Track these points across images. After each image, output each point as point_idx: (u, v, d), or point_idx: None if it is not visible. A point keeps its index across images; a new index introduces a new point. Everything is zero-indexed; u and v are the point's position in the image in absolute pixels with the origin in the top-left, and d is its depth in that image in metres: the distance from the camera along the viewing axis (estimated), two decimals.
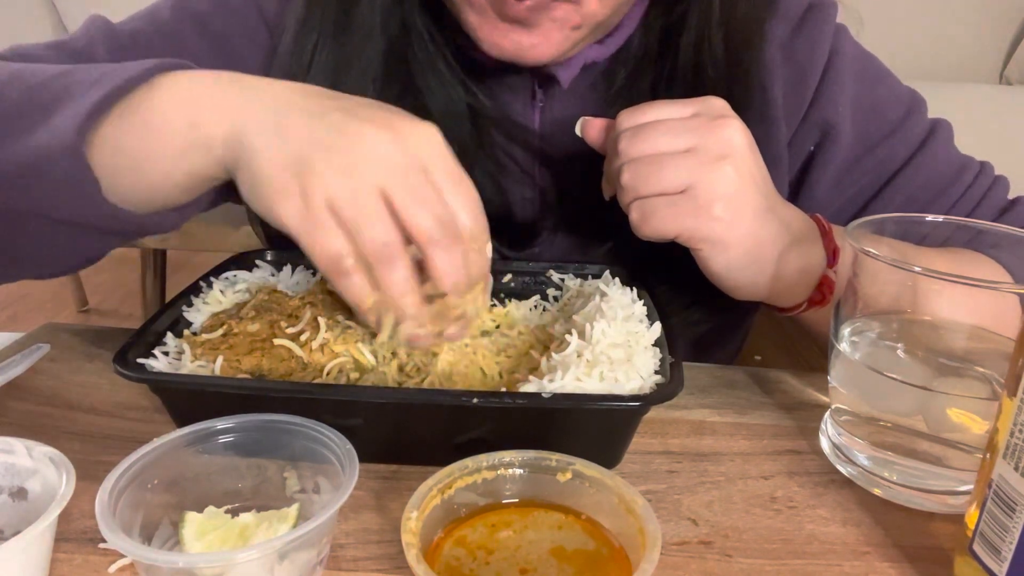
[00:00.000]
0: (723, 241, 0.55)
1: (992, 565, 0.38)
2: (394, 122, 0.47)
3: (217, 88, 0.50)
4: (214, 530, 0.40)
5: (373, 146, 0.45)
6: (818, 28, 0.69)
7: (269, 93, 0.49)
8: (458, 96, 0.68)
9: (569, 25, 0.58)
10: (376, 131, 0.46)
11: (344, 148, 0.45)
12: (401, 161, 0.45)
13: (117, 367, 0.48)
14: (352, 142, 0.45)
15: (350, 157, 0.45)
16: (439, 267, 0.46)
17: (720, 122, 0.55)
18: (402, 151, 0.46)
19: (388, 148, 0.45)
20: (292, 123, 0.47)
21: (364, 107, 0.49)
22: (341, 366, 0.53)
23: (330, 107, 0.48)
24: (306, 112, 0.47)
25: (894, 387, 0.47)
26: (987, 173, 0.72)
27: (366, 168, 0.45)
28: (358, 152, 0.45)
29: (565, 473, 0.44)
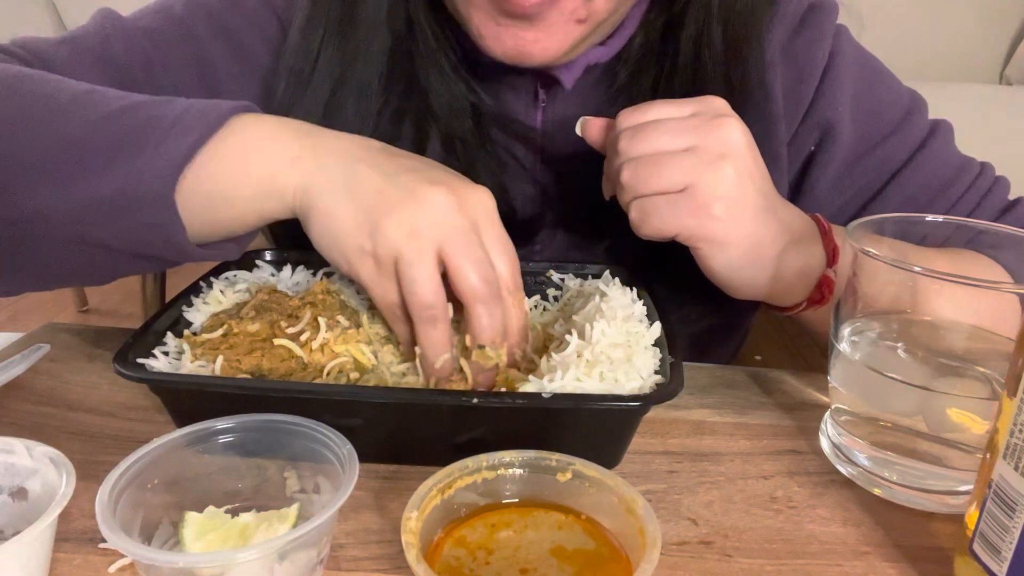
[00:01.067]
0: (722, 241, 0.55)
1: (992, 565, 0.38)
2: (456, 186, 0.51)
3: (287, 137, 0.54)
4: (214, 530, 0.40)
5: (436, 209, 0.50)
6: (819, 28, 0.69)
7: (336, 147, 0.54)
8: (461, 94, 0.68)
9: (575, 19, 0.58)
10: (441, 195, 0.50)
11: (412, 211, 0.49)
12: (459, 223, 0.50)
13: (117, 367, 0.48)
14: (419, 205, 0.49)
15: (417, 219, 0.49)
16: (481, 322, 0.51)
17: (720, 121, 0.55)
18: (462, 214, 0.50)
19: (449, 211, 0.50)
20: (364, 183, 0.51)
21: (429, 168, 0.54)
22: (341, 366, 0.53)
23: (399, 167, 0.52)
24: (377, 170, 0.52)
25: (894, 387, 0.47)
26: (987, 174, 0.72)
27: (430, 230, 0.49)
28: (424, 215, 0.49)
29: (565, 473, 0.44)
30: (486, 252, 0.51)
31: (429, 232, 0.49)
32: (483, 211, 0.52)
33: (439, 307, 0.50)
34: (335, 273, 0.64)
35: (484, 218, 0.52)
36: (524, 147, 0.70)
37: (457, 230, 0.50)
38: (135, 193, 0.50)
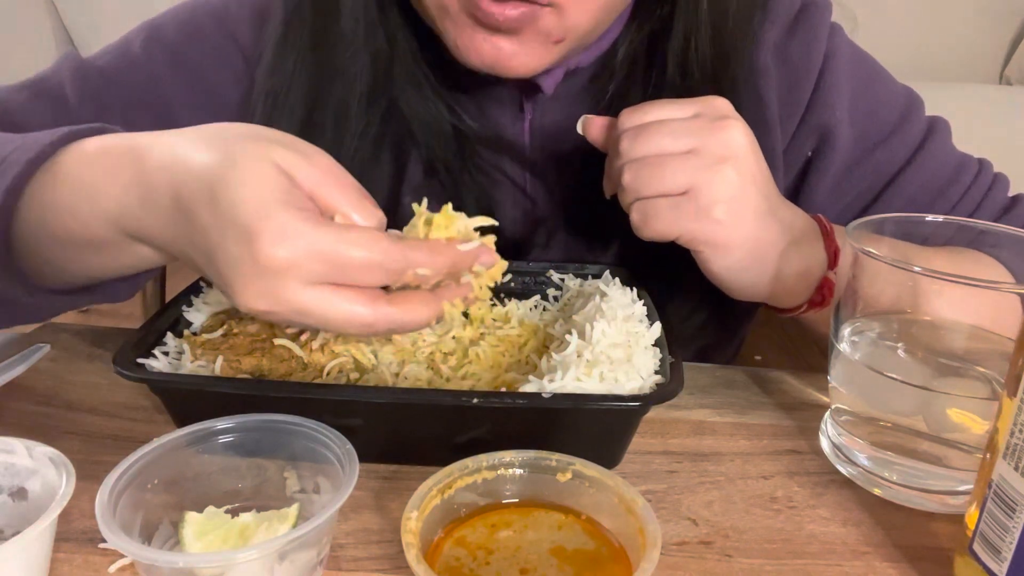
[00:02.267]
0: (724, 244, 0.55)
1: (992, 565, 0.38)
2: (270, 225, 0.41)
3: (109, 187, 0.46)
4: (214, 530, 0.40)
5: (268, 277, 0.41)
6: (812, 29, 0.68)
7: (158, 199, 0.45)
8: (442, 117, 0.67)
9: (552, 39, 0.57)
10: (271, 258, 0.40)
11: (246, 290, 0.41)
12: (305, 268, 0.41)
13: (117, 367, 0.48)
14: (249, 280, 0.41)
15: (260, 296, 0.41)
16: (409, 328, 0.44)
17: (722, 123, 0.54)
18: (295, 263, 0.41)
19: (282, 271, 0.41)
20: (194, 255, 0.44)
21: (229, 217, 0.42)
22: (341, 366, 0.53)
23: (201, 226, 0.42)
24: (195, 236, 0.43)
25: (894, 387, 0.47)
26: (986, 172, 0.71)
27: (281, 304, 0.41)
28: (259, 288, 0.41)
29: (565, 473, 0.44)
30: (353, 263, 0.41)
31: (283, 304, 0.41)
32: (291, 247, 0.40)
33: (378, 319, 0.42)
34: None
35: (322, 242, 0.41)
36: (513, 162, 0.70)
37: (313, 265, 0.40)
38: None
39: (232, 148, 0.43)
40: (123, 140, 0.48)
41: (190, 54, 0.68)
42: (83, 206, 0.47)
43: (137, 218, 0.46)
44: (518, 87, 0.67)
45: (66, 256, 0.50)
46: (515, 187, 0.70)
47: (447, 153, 0.67)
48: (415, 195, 0.65)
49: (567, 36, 0.57)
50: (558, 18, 0.55)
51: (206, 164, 0.42)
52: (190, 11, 0.70)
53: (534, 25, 0.55)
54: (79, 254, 0.50)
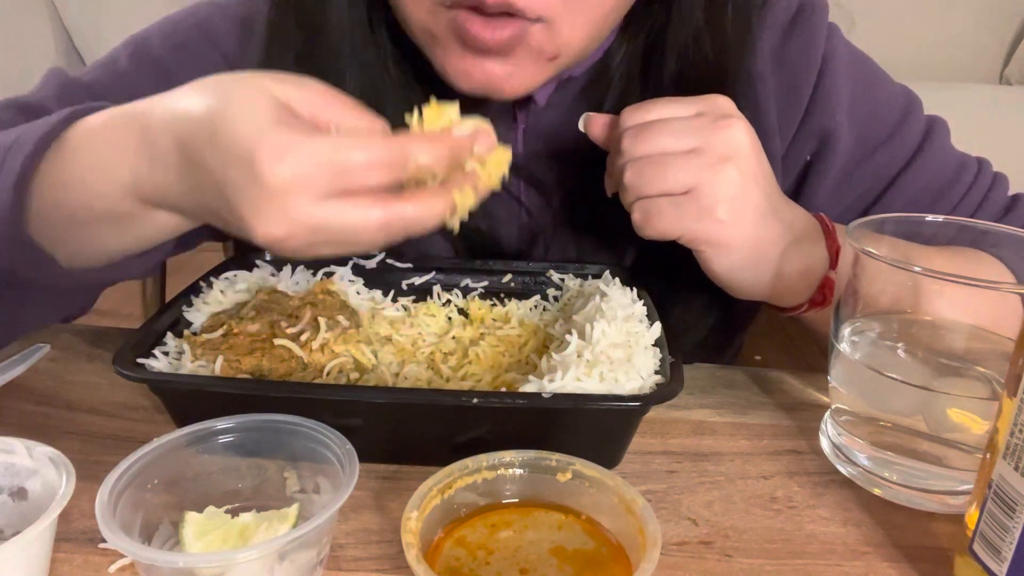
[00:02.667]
0: (725, 244, 0.55)
1: (992, 565, 0.38)
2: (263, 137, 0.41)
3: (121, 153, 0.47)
4: (214, 530, 0.40)
5: (278, 183, 0.41)
6: (809, 32, 0.67)
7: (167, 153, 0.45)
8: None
9: (545, 56, 0.56)
10: (272, 166, 0.41)
11: (260, 215, 0.41)
12: (307, 174, 0.41)
13: (117, 367, 0.48)
14: (263, 203, 0.41)
15: (273, 221, 0.41)
16: (424, 216, 0.44)
17: (724, 122, 0.54)
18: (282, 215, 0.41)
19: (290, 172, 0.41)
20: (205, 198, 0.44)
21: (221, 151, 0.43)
22: (341, 366, 0.53)
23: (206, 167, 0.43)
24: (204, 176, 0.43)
25: (894, 387, 0.47)
26: (986, 171, 0.71)
27: (293, 224, 0.41)
28: (273, 209, 0.41)
29: (565, 473, 0.44)
30: (342, 156, 0.41)
31: (297, 225, 0.41)
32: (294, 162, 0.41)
33: (392, 218, 0.42)
34: (335, 273, 0.64)
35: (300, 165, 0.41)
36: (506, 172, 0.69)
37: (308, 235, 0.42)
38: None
39: (226, 88, 0.44)
40: (124, 109, 0.48)
41: (175, 67, 0.68)
42: (98, 178, 0.48)
43: (151, 181, 0.46)
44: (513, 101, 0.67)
45: (81, 235, 0.50)
46: (510, 197, 0.70)
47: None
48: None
49: (561, 52, 0.56)
50: (550, 34, 0.54)
51: (204, 107, 0.43)
52: (175, 24, 0.70)
53: (525, 44, 0.54)
54: (95, 230, 0.50)
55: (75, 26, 2.16)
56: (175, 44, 0.68)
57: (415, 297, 0.64)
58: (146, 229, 0.50)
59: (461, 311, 0.63)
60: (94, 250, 0.52)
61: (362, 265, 0.65)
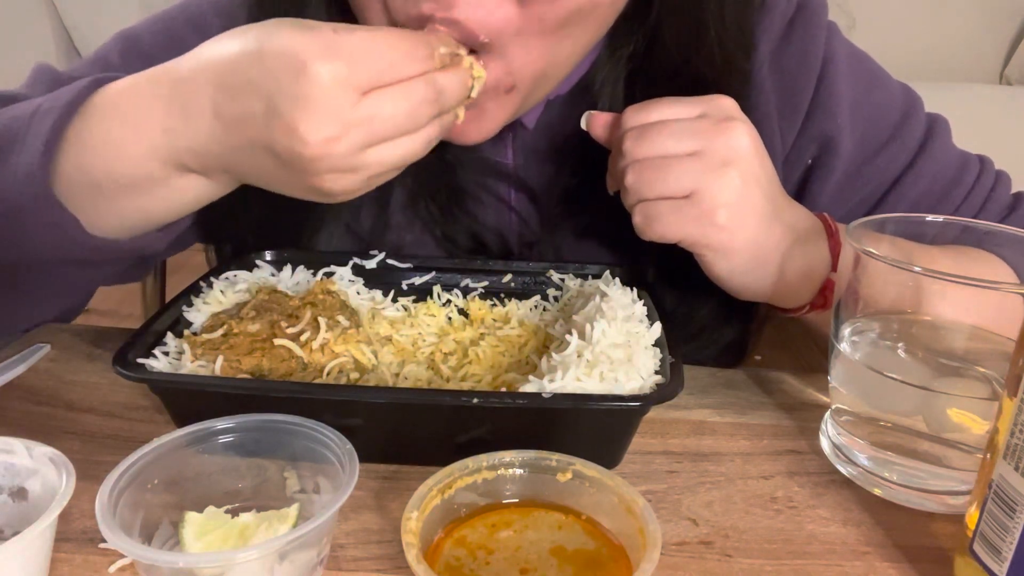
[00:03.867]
0: (727, 248, 0.55)
1: (992, 565, 0.38)
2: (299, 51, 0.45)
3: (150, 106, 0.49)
4: (214, 530, 0.40)
5: (321, 97, 0.44)
6: (808, 34, 0.67)
7: (194, 91, 0.48)
8: None
9: (502, 88, 0.54)
10: (313, 77, 0.44)
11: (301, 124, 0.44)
12: (337, 92, 0.44)
13: (117, 367, 0.48)
14: (301, 114, 0.44)
15: (312, 130, 0.44)
16: (456, 99, 0.48)
17: (726, 125, 0.54)
18: (336, 80, 0.44)
19: (330, 89, 0.44)
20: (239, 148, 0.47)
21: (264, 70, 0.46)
22: (341, 366, 0.53)
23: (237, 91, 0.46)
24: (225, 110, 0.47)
25: (894, 387, 0.47)
26: (988, 170, 0.71)
27: (337, 127, 0.44)
28: (314, 115, 0.44)
29: (565, 473, 0.44)
30: (384, 84, 0.45)
31: (350, 123, 0.44)
32: (333, 61, 0.44)
33: (428, 87, 0.46)
34: (335, 273, 0.64)
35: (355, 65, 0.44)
36: (497, 180, 0.69)
37: (353, 134, 0.44)
38: (13, 194, 0.49)
39: (262, 24, 0.46)
40: (148, 72, 0.50)
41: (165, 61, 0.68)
42: (127, 138, 0.49)
43: (185, 136, 0.48)
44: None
45: (106, 204, 0.51)
46: (503, 207, 0.70)
47: (431, 180, 0.66)
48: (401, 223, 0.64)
49: (516, 82, 0.55)
50: (502, 63, 0.53)
51: (245, 40, 0.46)
52: (166, 19, 0.70)
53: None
54: (119, 199, 0.51)
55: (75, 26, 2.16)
56: (166, 40, 0.68)
57: (415, 297, 0.64)
58: (169, 196, 0.50)
59: (461, 311, 0.63)
60: (116, 220, 0.52)
61: (362, 265, 0.65)
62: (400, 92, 0.45)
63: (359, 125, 0.44)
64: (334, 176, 0.46)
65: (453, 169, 0.67)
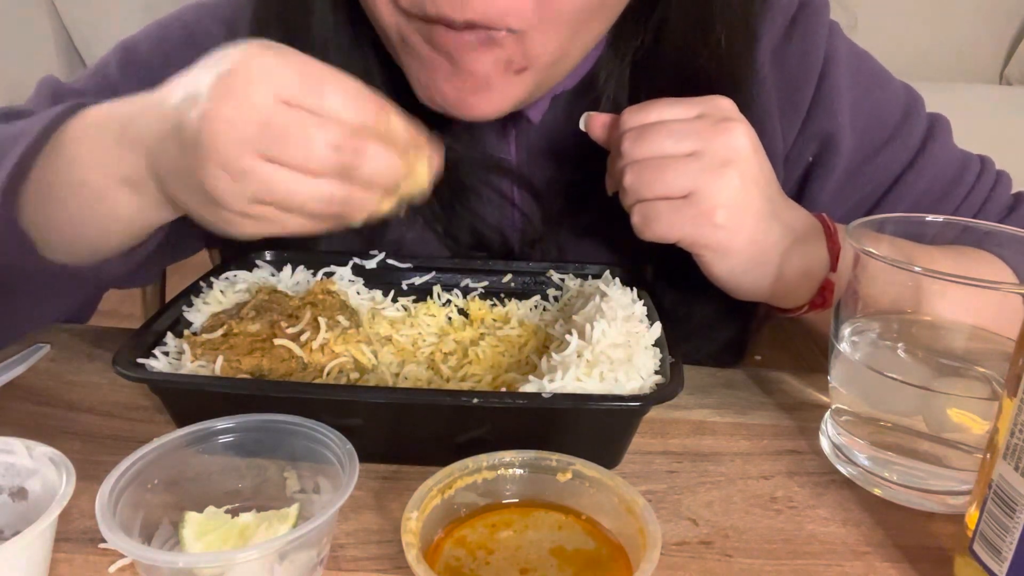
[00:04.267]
0: (725, 248, 0.55)
1: (992, 565, 0.38)
2: (233, 71, 0.43)
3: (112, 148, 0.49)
4: (214, 530, 0.40)
5: (224, 117, 0.42)
6: (810, 33, 0.67)
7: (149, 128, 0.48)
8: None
9: (513, 68, 0.54)
10: (221, 96, 0.42)
11: (204, 151, 0.42)
12: (253, 117, 0.42)
13: (117, 367, 0.48)
14: (207, 133, 0.42)
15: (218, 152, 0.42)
16: (373, 174, 0.44)
17: (725, 126, 0.54)
18: (249, 102, 0.42)
19: (237, 107, 0.42)
20: (167, 152, 0.46)
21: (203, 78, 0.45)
22: (341, 366, 0.53)
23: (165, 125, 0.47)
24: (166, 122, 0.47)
25: (894, 387, 0.47)
26: (989, 170, 0.71)
27: (238, 150, 0.42)
28: (221, 138, 0.42)
29: (565, 473, 0.44)
30: (313, 116, 0.42)
31: (239, 150, 0.42)
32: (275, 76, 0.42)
33: (334, 135, 0.42)
34: (335, 273, 0.64)
35: (280, 83, 0.42)
36: (501, 178, 0.69)
37: (255, 130, 0.41)
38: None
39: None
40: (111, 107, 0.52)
41: (163, 73, 0.67)
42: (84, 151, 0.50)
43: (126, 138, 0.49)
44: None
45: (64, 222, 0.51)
46: (505, 204, 0.70)
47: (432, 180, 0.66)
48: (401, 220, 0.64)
49: (530, 64, 0.55)
50: (520, 46, 0.53)
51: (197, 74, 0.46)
52: (162, 29, 0.70)
53: (493, 52, 0.53)
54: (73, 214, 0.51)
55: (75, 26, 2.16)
56: (162, 50, 0.68)
57: (415, 297, 0.64)
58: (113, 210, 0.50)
59: (461, 311, 0.63)
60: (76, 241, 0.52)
61: (362, 265, 0.65)
62: (314, 120, 0.42)
63: (260, 121, 0.41)
64: (217, 172, 0.43)
65: (456, 165, 0.67)
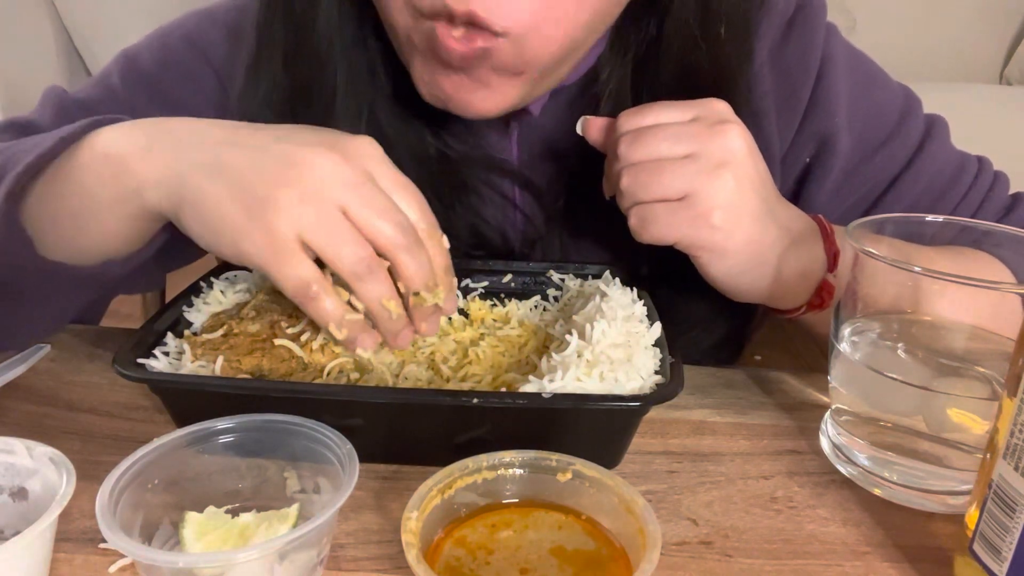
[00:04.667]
0: (722, 249, 0.55)
1: (992, 565, 0.38)
2: (335, 142, 0.48)
3: (142, 136, 0.50)
4: (214, 530, 0.40)
5: (323, 167, 0.46)
6: (808, 34, 0.67)
7: (197, 133, 0.50)
8: (425, 139, 0.66)
9: (509, 72, 0.54)
10: (322, 154, 0.47)
11: (297, 178, 0.46)
12: (352, 177, 0.47)
13: (117, 367, 0.48)
14: (302, 168, 0.46)
15: (306, 185, 0.46)
16: (407, 269, 0.48)
17: (720, 128, 0.54)
18: (351, 168, 0.47)
19: (338, 168, 0.47)
20: (233, 160, 0.47)
21: (299, 132, 0.50)
22: (341, 366, 0.53)
23: (266, 138, 0.49)
24: (243, 146, 0.48)
25: (894, 387, 0.47)
26: (986, 171, 0.71)
27: (323, 190, 0.46)
28: (311, 177, 0.46)
29: (565, 473, 0.44)
30: (389, 199, 0.48)
31: (325, 194, 0.46)
32: (371, 159, 0.49)
33: (370, 255, 0.47)
34: None
35: (375, 165, 0.49)
36: (502, 178, 0.69)
37: (352, 184, 0.47)
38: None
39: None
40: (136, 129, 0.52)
41: (165, 82, 0.68)
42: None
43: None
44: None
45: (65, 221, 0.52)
46: (507, 203, 0.70)
47: (433, 177, 0.66)
48: None
49: (527, 69, 0.54)
50: (515, 50, 0.52)
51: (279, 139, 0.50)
52: (164, 37, 0.70)
53: (489, 61, 0.53)
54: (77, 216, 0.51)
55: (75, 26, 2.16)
56: (163, 59, 0.69)
57: None
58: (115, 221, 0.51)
59: (461, 311, 0.63)
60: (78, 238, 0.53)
61: None
62: (354, 236, 0.47)
63: (317, 213, 0.46)
64: (258, 236, 0.46)
65: (457, 164, 0.67)
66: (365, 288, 0.47)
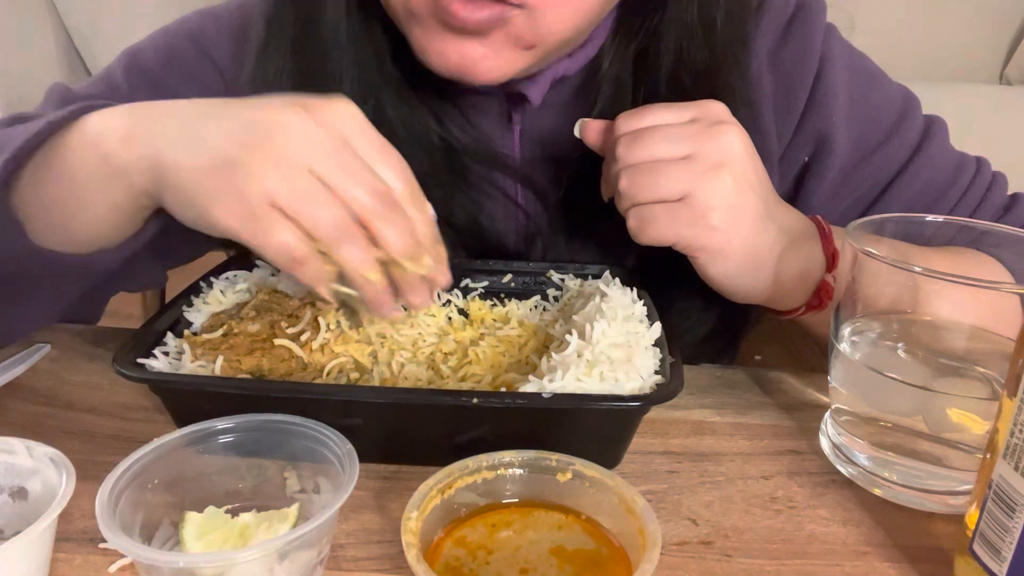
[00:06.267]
0: (720, 250, 0.55)
1: (992, 565, 0.38)
2: (307, 103, 0.47)
3: (126, 118, 0.50)
4: (214, 530, 0.40)
5: (294, 131, 0.45)
6: (807, 33, 0.67)
7: (175, 110, 0.50)
8: (429, 127, 0.66)
9: (522, 44, 0.55)
10: (293, 115, 0.45)
11: (266, 140, 0.45)
12: (325, 140, 0.45)
13: (117, 367, 0.48)
14: (273, 132, 0.45)
15: (275, 147, 0.44)
16: (385, 236, 0.46)
17: (718, 128, 0.54)
18: (323, 129, 0.45)
19: (309, 129, 0.45)
20: (206, 130, 0.46)
21: (274, 97, 0.48)
22: (341, 366, 0.53)
23: (240, 106, 0.48)
24: (217, 117, 0.47)
25: (894, 387, 0.47)
26: (984, 171, 0.71)
27: (294, 154, 0.44)
28: (281, 140, 0.45)
29: (565, 473, 0.44)
30: (365, 163, 0.46)
31: (294, 156, 0.44)
32: (348, 121, 0.47)
33: (344, 218, 0.45)
34: None
35: (352, 128, 0.47)
36: (502, 172, 0.69)
37: (324, 147, 0.45)
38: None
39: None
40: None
41: (168, 79, 0.68)
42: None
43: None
44: (506, 98, 0.66)
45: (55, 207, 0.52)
46: (507, 199, 0.70)
47: (437, 168, 0.66)
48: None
49: (539, 42, 0.55)
50: (531, 22, 0.54)
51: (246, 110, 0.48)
52: (168, 35, 0.71)
53: (504, 28, 0.54)
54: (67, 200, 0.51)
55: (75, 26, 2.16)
56: (167, 57, 0.69)
57: None
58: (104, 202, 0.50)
59: (461, 311, 0.63)
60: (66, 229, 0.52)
61: None
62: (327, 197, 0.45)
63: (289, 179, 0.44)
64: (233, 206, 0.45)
65: (459, 154, 0.67)
66: (341, 252, 0.45)
